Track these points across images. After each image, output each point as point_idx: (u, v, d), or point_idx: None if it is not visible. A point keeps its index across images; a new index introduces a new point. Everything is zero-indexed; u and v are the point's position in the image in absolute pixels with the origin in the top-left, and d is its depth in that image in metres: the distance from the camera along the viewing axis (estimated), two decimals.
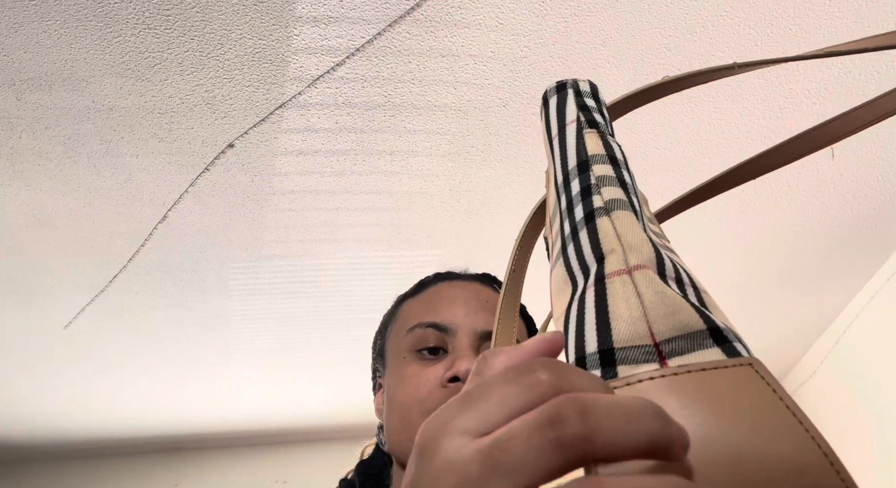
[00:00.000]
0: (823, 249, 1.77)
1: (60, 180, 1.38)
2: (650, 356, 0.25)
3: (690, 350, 0.25)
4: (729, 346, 0.25)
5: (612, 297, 0.28)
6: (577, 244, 0.32)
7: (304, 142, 1.35)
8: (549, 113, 0.41)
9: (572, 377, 0.22)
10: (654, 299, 0.27)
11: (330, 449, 2.54)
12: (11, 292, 1.68)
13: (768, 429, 0.22)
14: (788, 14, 1.17)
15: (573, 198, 0.34)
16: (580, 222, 0.32)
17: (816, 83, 1.31)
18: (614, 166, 0.35)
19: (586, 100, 0.40)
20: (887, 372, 1.84)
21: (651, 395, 0.23)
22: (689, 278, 0.30)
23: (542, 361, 0.23)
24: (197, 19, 1.10)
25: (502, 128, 1.35)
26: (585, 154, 0.35)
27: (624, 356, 0.26)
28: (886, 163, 1.51)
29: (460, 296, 0.69)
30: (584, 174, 0.34)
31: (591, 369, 0.26)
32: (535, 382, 0.22)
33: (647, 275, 0.28)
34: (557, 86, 0.41)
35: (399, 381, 0.65)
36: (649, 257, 0.29)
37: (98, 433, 2.44)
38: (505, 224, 1.60)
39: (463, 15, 1.13)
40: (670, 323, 0.26)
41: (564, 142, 0.37)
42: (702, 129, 1.38)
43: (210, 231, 1.54)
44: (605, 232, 0.30)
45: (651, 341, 0.26)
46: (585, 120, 0.38)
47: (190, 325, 1.87)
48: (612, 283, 0.28)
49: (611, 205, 0.32)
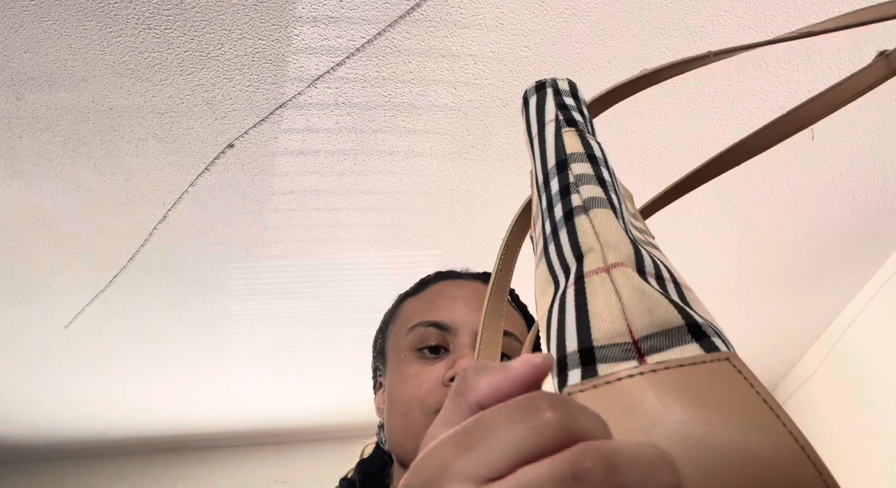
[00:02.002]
0: (823, 249, 1.77)
1: (60, 180, 1.38)
2: (629, 353, 0.25)
3: (669, 346, 0.25)
4: (707, 341, 0.26)
5: (592, 296, 0.28)
6: (558, 243, 0.32)
7: (304, 142, 1.35)
8: (528, 113, 0.41)
9: (581, 417, 0.21)
10: (633, 296, 0.27)
11: (330, 449, 2.54)
12: (11, 292, 1.68)
13: (746, 423, 0.22)
14: (788, 14, 1.17)
15: (553, 197, 0.34)
16: (560, 221, 0.33)
17: (816, 83, 1.31)
18: (593, 164, 0.35)
19: (565, 98, 0.40)
20: (888, 372, 1.84)
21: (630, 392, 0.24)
22: (670, 274, 0.30)
23: (547, 398, 0.21)
24: (197, 19, 1.10)
25: (502, 128, 1.35)
26: (564, 153, 0.35)
27: (603, 354, 0.26)
28: (886, 163, 1.51)
29: (461, 295, 0.69)
30: (562, 173, 0.34)
31: (572, 368, 0.26)
32: (544, 424, 0.20)
33: (625, 273, 0.28)
34: (536, 85, 0.42)
35: (400, 380, 0.65)
36: (627, 254, 0.29)
37: (98, 433, 2.44)
38: (505, 224, 1.59)
39: (463, 15, 1.13)
40: (648, 319, 0.26)
41: (544, 142, 0.37)
42: (702, 129, 1.38)
43: (210, 231, 1.54)
44: (584, 230, 0.31)
45: (630, 338, 0.26)
46: (564, 118, 0.38)
47: (190, 325, 1.87)
48: (590, 282, 0.28)
49: (589, 204, 0.32)
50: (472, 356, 0.63)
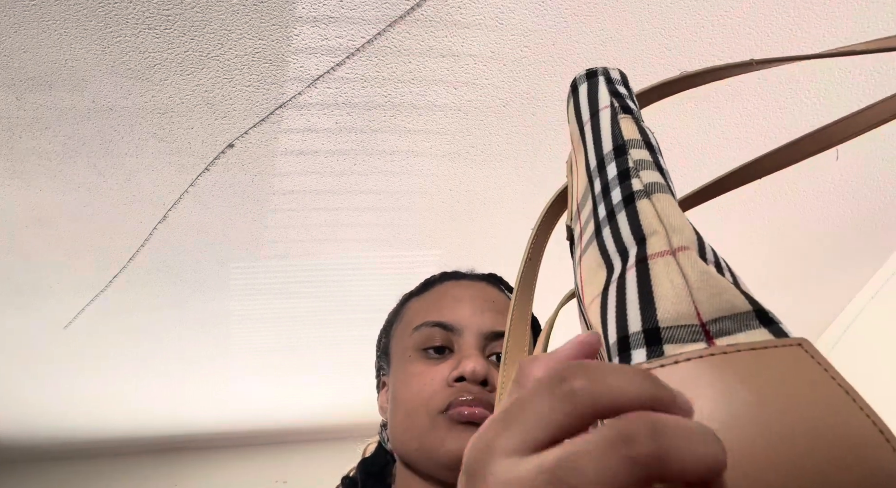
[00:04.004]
0: (823, 249, 1.77)
1: (60, 180, 1.38)
2: (697, 335, 0.25)
3: (737, 330, 0.25)
4: (776, 328, 0.26)
5: (656, 278, 0.27)
6: (615, 226, 0.32)
7: (304, 142, 1.35)
8: (578, 99, 0.41)
9: (608, 378, 0.21)
10: (699, 279, 0.26)
11: (330, 449, 2.54)
12: (11, 292, 1.68)
13: (821, 408, 0.22)
14: (788, 14, 1.17)
15: (609, 181, 0.34)
16: (618, 205, 0.32)
17: (816, 84, 1.31)
18: (650, 151, 0.35)
19: (618, 87, 0.40)
20: (888, 372, 1.84)
21: (700, 374, 0.23)
22: (726, 264, 0.30)
23: (572, 368, 0.22)
24: (197, 19, 1.10)
25: (502, 129, 1.35)
26: (622, 138, 0.35)
27: (670, 335, 0.26)
28: (887, 163, 1.51)
29: (466, 295, 0.69)
30: (621, 158, 0.34)
31: (636, 348, 0.26)
32: (569, 392, 0.21)
33: (690, 257, 0.28)
34: (587, 73, 0.41)
35: (404, 380, 0.65)
36: (691, 239, 0.28)
37: (98, 433, 2.44)
38: (505, 224, 1.60)
39: (463, 15, 1.13)
40: (716, 303, 0.26)
41: (598, 127, 0.37)
42: (702, 130, 1.38)
43: (210, 231, 1.54)
44: (646, 214, 0.30)
45: (697, 321, 0.25)
46: (619, 105, 0.38)
47: (190, 325, 1.87)
48: (654, 264, 0.28)
49: (651, 188, 0.31)
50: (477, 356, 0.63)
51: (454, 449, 0.59)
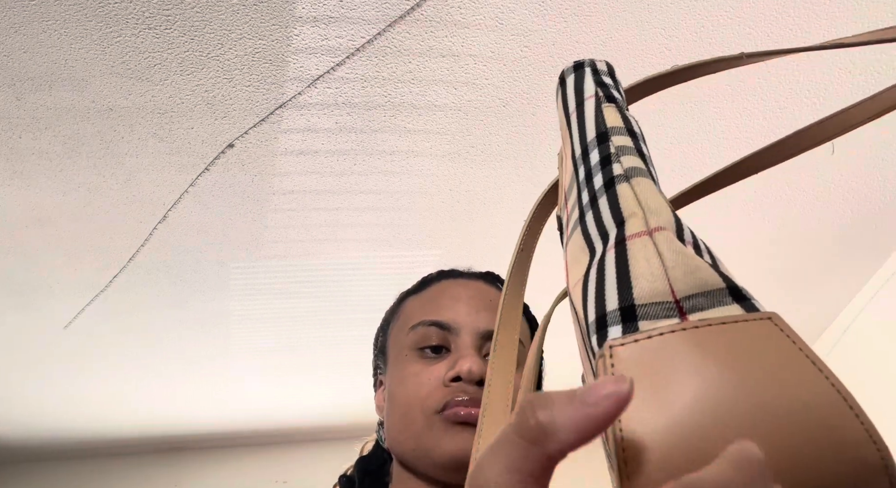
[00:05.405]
0: (823, 249, 1.77)
1: (60, 180, 1.38)
2: (671, 312, 0.26)
3: (710, 306, 0.26)
4: (748, 303, 0.26)
5: (633, 257, 0.28)
6: (597, 211, 0.32)
7: (304, 142, 1.35)
8: (566, 90, 0.41)
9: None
10: (675, 258, 0.27)
11: (330, 449, 2.53)
12: (11, 292, 1.68)
13: (790, 380, 0.22)
14: (788, 14, 1.17)
15: (592, 167, 0.34)
16: (599, 190, 0.33)
17: (816, 82, 1.31)
18: (633, 138, 0.35)
19: (603, 77, 0.41)
20: (888, 372, 1.84)
21: (672, 348, 0.24)
22: (706, 246, 0.30)
23: None
24: (197, 19, 1.10)
25: (502, 129, 1.35)
26: (604, 126, 0.36)
27: (645, 312, 0.26)
28: (886, 163, 1.51)
29: (463, 294, 0.69)
30: (603, 144, 0.35)
31: (612, 325, 0.27)
32: None
33: (666, 236, 0.28)
34: (575, 65, 0.42)
35: (401, 379, 0.65)
36: (668, 220, 0.29)
37: (98, 433, 2.44)
38: (505, 224, 1.60)
39: (463, 15, 1.13)
40: (690, 281, 0.26)
41: (583, 116, 0.38)
42: (701, 128, 1.38)
43: (210, 231, 1.54)
44: (626, 197, 0.31)
45: (672, 298, 0.26)
46: (604, 95, 0.39)
47: (190, 325, 1.87)
48: (632, 244, 0.28)
49: (630, 172, 0.32)
50: (474, 356, 0.63)
51: (450, 450, 0.59)
